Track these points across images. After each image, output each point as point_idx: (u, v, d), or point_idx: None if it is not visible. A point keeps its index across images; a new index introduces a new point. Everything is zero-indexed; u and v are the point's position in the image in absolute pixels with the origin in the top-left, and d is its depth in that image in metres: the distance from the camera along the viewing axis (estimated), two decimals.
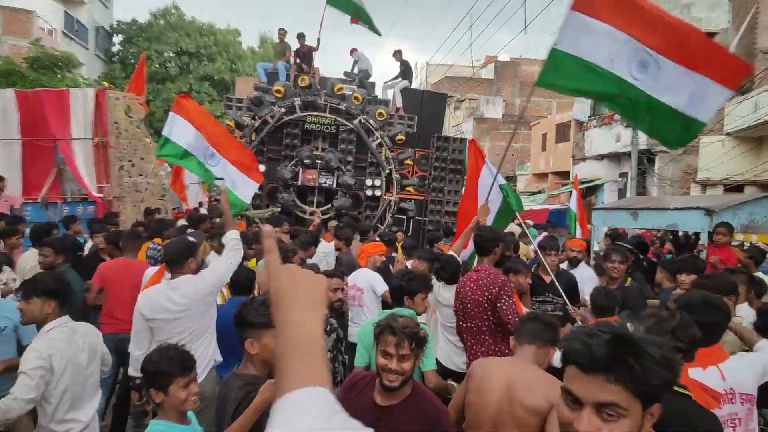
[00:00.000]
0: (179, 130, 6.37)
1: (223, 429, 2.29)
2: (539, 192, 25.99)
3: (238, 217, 9.42)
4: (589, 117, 22.74)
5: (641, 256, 5.57)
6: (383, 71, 73.67)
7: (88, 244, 6.83)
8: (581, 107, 23.25)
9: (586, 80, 3.81)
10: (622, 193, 20.63)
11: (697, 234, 5.56)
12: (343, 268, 5.10)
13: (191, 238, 4.36)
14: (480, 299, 3.87)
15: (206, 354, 3.45)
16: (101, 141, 10.35)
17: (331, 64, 78.66)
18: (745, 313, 4.16)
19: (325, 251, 6.63)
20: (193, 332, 3.41)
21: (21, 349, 3.58)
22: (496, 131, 34.50)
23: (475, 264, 4.49)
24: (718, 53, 3.80)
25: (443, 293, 4.46)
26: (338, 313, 4.16)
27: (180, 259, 3.60)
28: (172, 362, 2.30)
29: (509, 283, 4.01)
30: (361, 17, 11.25)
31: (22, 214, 8.38)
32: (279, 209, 10.57)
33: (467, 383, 2.47)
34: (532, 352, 2.41)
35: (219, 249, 4.84)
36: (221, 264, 3.67)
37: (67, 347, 2.98)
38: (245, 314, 2.46)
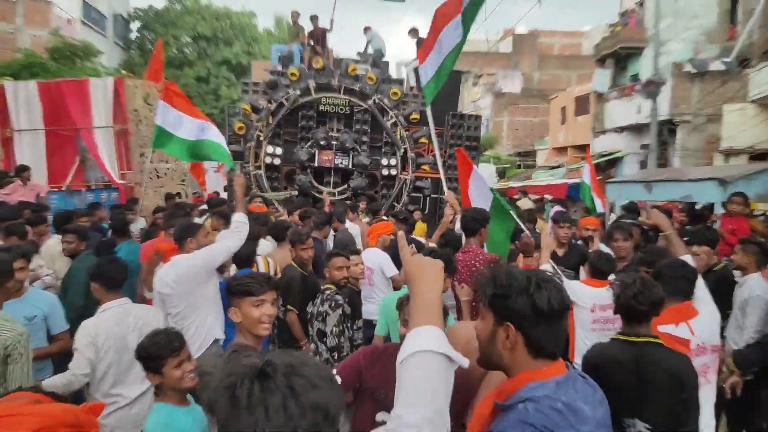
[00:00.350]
0: (172, 119, 6.46)
1: None
2: (558, 166, 25.73)
3: (258, 199, 9.62)
4: (609, 88, 22.33)
5: (650, 231, 5.54)
6: (398, 49, 72.88)
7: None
8: (601, 79, 22.83)
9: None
10: (643, 165, 20.30)
11: (711, 205, 5.56)
12: (339, 244, 5.24)
13: (198, 220, 4.53)
14: (469, 280, 3.92)
15: (201, 331, 3.60)
16: (121, 129, 10.56)
17: (345, 44, 78.00)
18: (756, 284, 4.15)
19: (354, 233, 6.75)
20: (185, 309, 3.59)
21: (50, 338, 3.76)
22: (514, 106, 34.13)
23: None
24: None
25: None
26: (353, 291, 4.27)
27: (181, 239, 3.82)
28: (160, 345, 2.44)
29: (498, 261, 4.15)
30: None
31: (47, 202, 8.65)
32: (296, 191, 10.70)
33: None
34: None
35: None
36: (215, 246, 3.79)
37: (114, 327, 3.16)
38: (228, 284, 2.63)
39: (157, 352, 2.42)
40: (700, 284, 3.01)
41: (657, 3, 20.74)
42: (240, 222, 3.83)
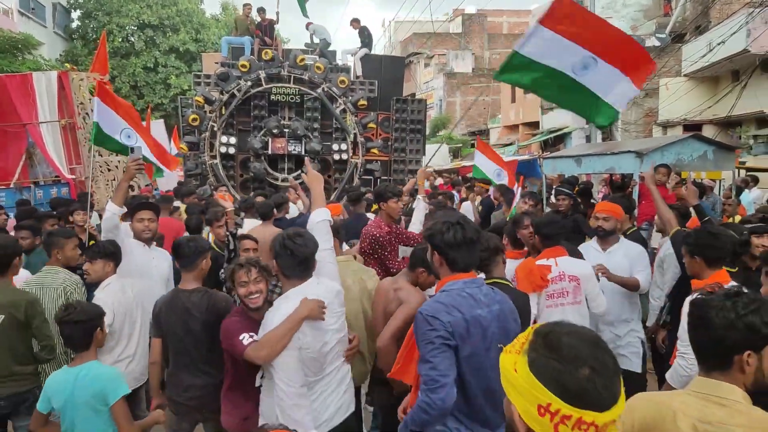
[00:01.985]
0: (104, 116, 6.55)
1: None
2: (510, 144, 26.43)
3: (223, 188, 9.82)
4: None
5: (579, 201, 6.12)
6: (344, 39, 72.43)
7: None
8: None
9: (536, 79, 4.82)
10: (589, 141, 21.13)
11: (623, 176, 6.09)
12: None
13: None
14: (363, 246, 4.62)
15: None
16: (68, 122, 10.48)
17: (293, 35, 77.20)
18: (667, 246, 4.60)
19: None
20: None
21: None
22: (466, 86, 34.64)
23: None
24: (641, 56, 4.85)
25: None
26: None
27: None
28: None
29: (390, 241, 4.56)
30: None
31: None
32: (251, 178, 11.00)
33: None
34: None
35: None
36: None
37: (122, 296, 3.72)
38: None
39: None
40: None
41: None
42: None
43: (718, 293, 1.81)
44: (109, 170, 10.89)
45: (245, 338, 2.73)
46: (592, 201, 6.76)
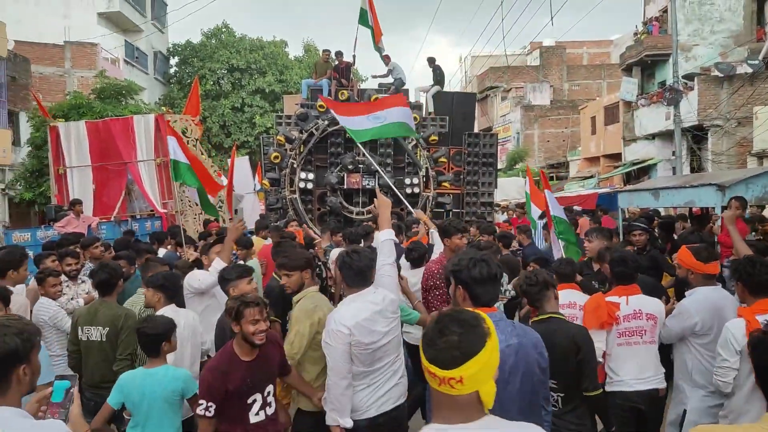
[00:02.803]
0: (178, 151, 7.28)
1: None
2: (591, 177, 25.64)
3: (294, 222, 10.23)
4: (636, 97, 22.28)
5: (657, 236, 5.85)
6: (417, 76, 73.91)
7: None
8: (628, 87, 22.82)
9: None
10: (675, 172, 20.17)
11: (706, 209, 5.76)
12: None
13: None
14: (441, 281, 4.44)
15: None
16: (162, 161, 11.35)
17: (373, 70, 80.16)
18: None
19: None
20: None
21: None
22: (544, 118, 34.16)
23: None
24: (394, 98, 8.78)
25: (409, 278, 4.80)
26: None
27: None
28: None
29: None
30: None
31: (98, 232, 9.41)
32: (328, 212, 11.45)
33: None
34: None
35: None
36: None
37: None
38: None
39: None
40: None
41: (681, 10, 20.73)
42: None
43: None
44: (196, 204, 11.63)
45: (202, 406, 2.97)
46: (675, 237, 6.48)
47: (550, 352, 2.59)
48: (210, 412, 2.95)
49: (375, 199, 3.90)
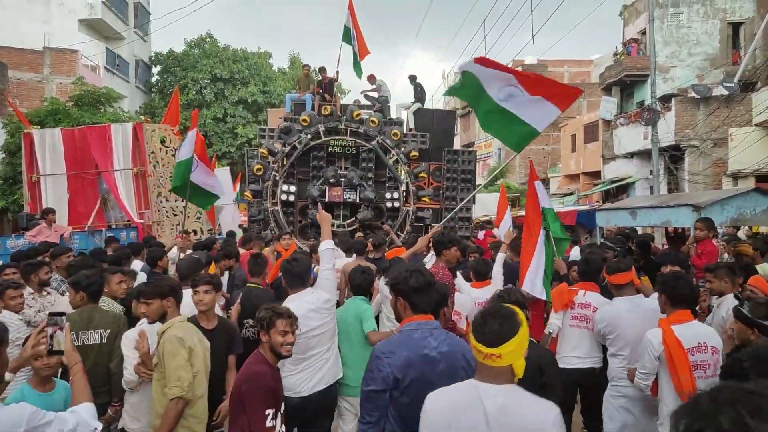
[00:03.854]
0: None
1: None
2: (570, 194, 25.90)
3: (287, 236, 10.13)
4: (615, 116, 22.63)
5: (624, 252, 5.85)
6: (398, 93, 74.67)
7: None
8: (607, 106, 23.19)
9: (476, 96, 5.45)
10: (652, 191, 20.46)
11: (682, 229, 5.81)
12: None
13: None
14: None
15: None
16: (140, 170, 11.18)
17: (356, 86, 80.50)
18: (732, 303, 4.33)
19: None
20: None
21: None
22: None
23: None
24: (562, 87, 5.57)
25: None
26: None
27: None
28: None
29: (452, 286, 4.60)
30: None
31: (71, 242, 9.19)
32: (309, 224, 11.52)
33: None
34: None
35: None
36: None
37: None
38: None
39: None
40: None
41: (659, 32, 21.19)
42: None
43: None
44: (174, 215, 11.45)
45: (269, 416, 2.92)
46: (651, 256, 6.50)
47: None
48: (276, 421, 2.94)
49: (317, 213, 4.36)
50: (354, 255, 7.08)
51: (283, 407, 3.12)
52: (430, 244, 5.55)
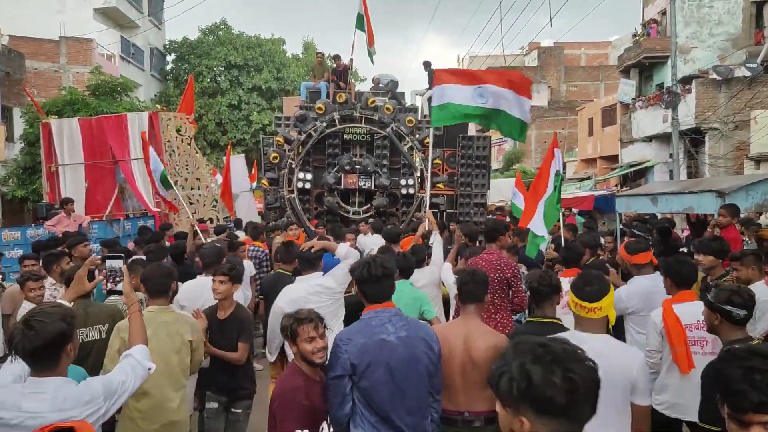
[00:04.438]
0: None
1: None
2: (587, 178, 25.59)
3: (294, 226, 10.09)
4: (634, 99, 22.21)
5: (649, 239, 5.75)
6: (412, 80, 73.94)
7: None
8: (626, 88, 22.76)
9: (458, 113, 6.35)
10: (672, 175, 20.12)
11: (705, 215, 5.69)
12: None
13: None
14: (492, 276, 4.64)
15: None
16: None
17: (370, 72, 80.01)
18: (761, 290, 4.20)
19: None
20: None
21: None
22: (542, 119, 34.09)
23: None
24: (517, 78, 6.45)
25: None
26: None
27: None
28: None
29: (517, 273, 4.93)
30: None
31: (89, 231, 9.28)
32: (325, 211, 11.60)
33: None
34: (474, 309, 3.29)
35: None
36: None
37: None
38: None
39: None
40: None
41: (679, 12, 20.70)
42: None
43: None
44: (191, 203, 11.50)
45: None
46: (674, 243, 6.38)
47: None
48: None
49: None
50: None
51: (325, 423, 2.82)
52: (433, 227, 5.90)
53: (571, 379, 1.27)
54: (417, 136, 11.85)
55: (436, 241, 5.64)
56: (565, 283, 4.15)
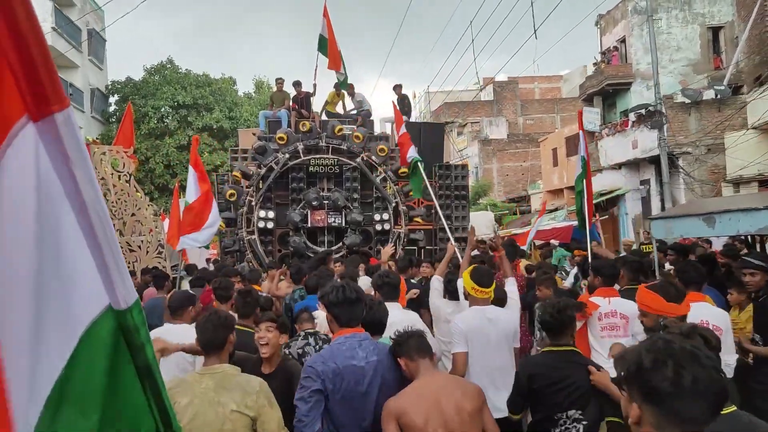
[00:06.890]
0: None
1: None
2: (556, 209, 24.94)
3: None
4: (600, 126, 21.86)
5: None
6: (376, 104, 74.13)
7: None
8: (590, 116, 22.39)
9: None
10: (645, 201, 19.58)
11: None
12: None
13: None
14: None
15: None
16: None
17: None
18: None
19: None
20: None
21: None
22: (503, 152, 33.79)
23: None
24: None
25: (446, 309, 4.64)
26: None
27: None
28: None
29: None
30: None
31: None
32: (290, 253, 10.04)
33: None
34: (430, 363, 2.88)
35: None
36: None
37: None
38: None
39: None
40: None
41: (639, 39, 20.70)
42: None
43: None
44: (131, 251, 9.84)
45: None
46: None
47: (572, 384, 2.99)
48: None
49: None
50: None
51: None
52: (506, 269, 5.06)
53: (680, 374, 1.25)
54: (390, 166, 10.75)
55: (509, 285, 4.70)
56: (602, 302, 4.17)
